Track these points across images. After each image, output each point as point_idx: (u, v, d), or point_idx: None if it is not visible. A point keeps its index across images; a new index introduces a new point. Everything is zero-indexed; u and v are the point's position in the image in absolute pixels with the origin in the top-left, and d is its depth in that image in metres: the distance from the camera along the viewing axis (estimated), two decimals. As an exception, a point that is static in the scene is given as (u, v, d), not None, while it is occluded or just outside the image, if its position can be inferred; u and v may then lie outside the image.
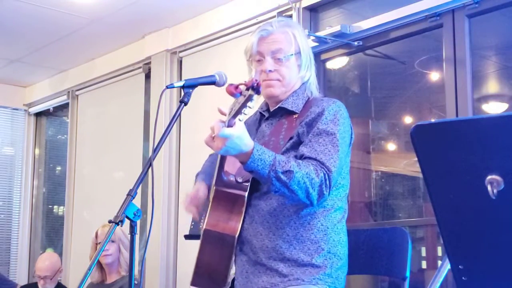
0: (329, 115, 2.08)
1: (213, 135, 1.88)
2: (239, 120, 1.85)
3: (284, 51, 2.17)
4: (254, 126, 2.29)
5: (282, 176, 1.91)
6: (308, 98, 2.20)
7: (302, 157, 2.03)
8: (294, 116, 2.15)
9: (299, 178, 1.92)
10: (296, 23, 2.32)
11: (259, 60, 2.19)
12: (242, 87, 1.88)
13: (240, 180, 2.09)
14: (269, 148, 2.05)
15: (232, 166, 2.10)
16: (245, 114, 1.86)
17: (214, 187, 2.11)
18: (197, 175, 2.36)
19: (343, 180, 2.16)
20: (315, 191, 1.96)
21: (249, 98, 1.84)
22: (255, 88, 1.84)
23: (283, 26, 2.21)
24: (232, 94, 1.89)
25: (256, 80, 1.84)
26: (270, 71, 2.16)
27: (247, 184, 2.10)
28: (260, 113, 2.29)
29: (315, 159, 2.00)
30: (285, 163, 1.93)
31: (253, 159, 1.89)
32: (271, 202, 2.08)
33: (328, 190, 1.99)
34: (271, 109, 2.24)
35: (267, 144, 2.11)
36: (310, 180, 1.94)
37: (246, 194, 2.10)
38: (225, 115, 1.91)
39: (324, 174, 1.97)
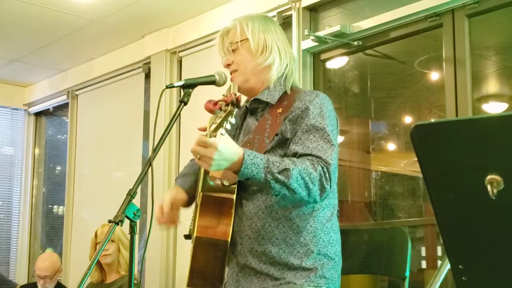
0: (315, 110, 2.04)
1: (197, 157, 1.85)
2: (221, 134, 1.83)
3: (232, 41, 2.19)
4: (239, 119, 2.25)
5: (279, 177, 1.88)
6: (286, 90, 2.17)
7: (295, 155, 1.99)
8: (278, 111, 2.11)
9: (296, 174, 1.88)
10: (252, 14, 2.32)
11: None
12: (222, 103, 1.87)
13: (226, 183, 2.04)
14: (254, 146, 2.04)
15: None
16: (227, 128, 1.85)
17: (201, 193, 2.07)
18: (175, 180, 2.34)
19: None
20: (316, 186, 1.92)
21: (230, 113, 1.82)
22: (234, 104, 1.83)
23: (235, 20, 2.25)
24: (211, 111, 1.88)
25: (235, 95, 1.84)
26: (228, 65, 2.19)
27: (234, 186, 2.06)
28: (246, 106, 2.25)
29: (310, 155, 1.96)
30: (280, 163, 1.90)
31: (246, 165, 1.86)
32: (259, 204, 2.05)
33: (329, 183, 1.94)
34: (249, 104, 2.21)
35: (252, 142, 2.08)
36: (308, 175, 1.90)
37: (234, 196, 2.06)
38: (205, 130, 1.90)
39: (322, 167, 1.93)
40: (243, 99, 2.20)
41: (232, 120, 1.86)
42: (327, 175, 1.94)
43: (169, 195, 2.17)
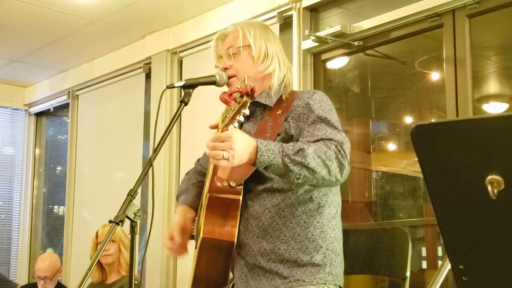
0: (315, 104, 2.06)
1: (217, 155, 1.81)
2: (234, 126, 1.84)
3: (233, 46, 2.19)
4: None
5: (296, 158, 1.86)
6: (283, 93, 2.17)
7: None
8: (277, 112, 2.12)
9: (312, 153, 1.86)
10: (252, 21, 2.32)
11: None
12: (236, 94, 1.87)
13: (233, 184, 2.04)
14: None
15: (224, 171, 2.07)
16: (240, 120, 1.85)
17: (207, 194, 2.08)
18: (177, 197, 2.36)
19: None
20: (334, 163, 1.90)
21: (244, 105, 1.82)
22: (249, 95, 1.82)
23: (235, 26, 2.24)
24: (226, 102, 1.88)
25: (250, 86, 1.83)
26: (225, 68, 2.17)
27: (240, 187, 2.06)
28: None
29: (320, 139, 1.96)
30: (293, 145, 1.89)
31: (261, 151, 1.84)
32: (265, 204, 2.06)
33: (346, 160, 1.93)
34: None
35: None
36: (324, 153, 1.89)
37: (240, 197, 2.06)
38: (216, 127, 1.90)
39: (336, 146, 1.92)
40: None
41: (246, 111, 1.85)
42: (342, 152, 1.92)
43: (178, 220, 2.20)
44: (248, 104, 1.85)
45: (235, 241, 2.06)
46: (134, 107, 5.19)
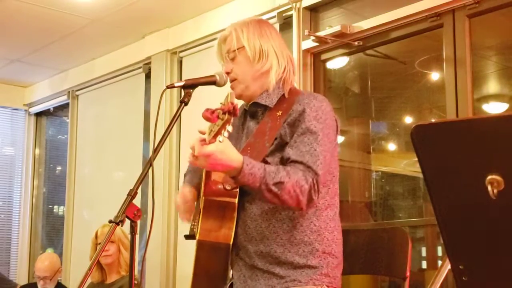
0: (311, 113, 2.05)
1: (195, 154, 1.88)
2: (219, 141, 1.84)
3: (229, 50, 2.19)
4: (239, 121, 2.26)
5: (273, 188, 1.92)
6: (284, 93, 2.17)
7: (288, 160, 2.02)
8: (277, 114, 2.12)
9: (289, 188, 1.93)
10: (247, 20, 2.31)
11: None
12: (219, 111, 1.87)
13: (228, 187, 2.07)
14: (255, 150, 2.06)
15: (219, 174, 2.08)
16: (225, 136, 1.85)
17: (203, 197, 2.09)
18: (185, 175, 2.37)
19: (332, 177, 2.13)
20: (305, 198, 1.96)
21: (227, 122, 1.83)
22: (231, 113, 1.83)
23: (230, 27, 2.24)
24: (208, 120, 1.88)
25: (232, 104, 1.83)
26: (227, 73, 2.18)
27: (236, 190, 2.08)
28: (245, 109, 2.26)
29: (301, 163, 1.99)
30: (275, 174, 1.93)
31: (243, 174, 1.90)
32: (262, 206, 2.07)
33: (317, 195, 1.98)
34: (248, 107, 2.22)
35: (252, 146, 2.10)
36: (300, 187, 1.95)
37: (236, 200, 2.08)
38: (204, 133, 1.91)
39: (313, 179, 1.97)
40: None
41: (229, 128, 1.86)
42: (316, 187, 1.98)
43: (187, 193, 2.24)
44: (231, 121, 1.85)
45: (231, 243, 2.07)
46: (134, 107, 5.19)
